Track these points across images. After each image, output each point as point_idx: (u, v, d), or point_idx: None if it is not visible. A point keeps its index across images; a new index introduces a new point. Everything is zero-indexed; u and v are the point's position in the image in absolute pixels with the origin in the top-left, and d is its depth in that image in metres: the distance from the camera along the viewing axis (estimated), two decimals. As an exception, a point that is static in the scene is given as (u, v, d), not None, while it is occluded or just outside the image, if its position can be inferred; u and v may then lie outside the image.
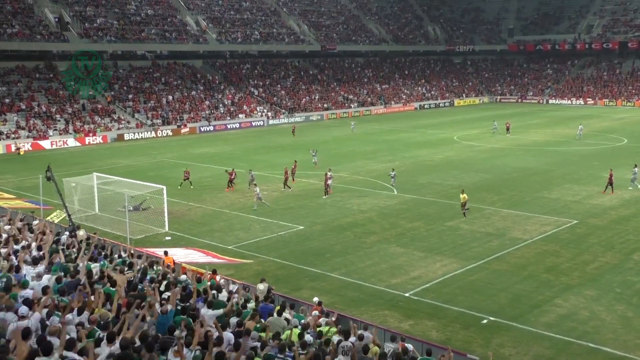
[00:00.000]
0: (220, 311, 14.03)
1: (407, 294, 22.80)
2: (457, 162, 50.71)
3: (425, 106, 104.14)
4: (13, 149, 60.33)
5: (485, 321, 20.36)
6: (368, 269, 25.53)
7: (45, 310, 12.06)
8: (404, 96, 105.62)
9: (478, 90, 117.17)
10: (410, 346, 14.71)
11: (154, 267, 18.77)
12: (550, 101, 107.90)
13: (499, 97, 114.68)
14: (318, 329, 15.23)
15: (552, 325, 19.89)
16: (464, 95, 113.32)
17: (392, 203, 37.03)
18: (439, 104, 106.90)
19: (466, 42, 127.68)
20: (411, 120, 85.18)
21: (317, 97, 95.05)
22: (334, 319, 16.75)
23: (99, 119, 70.88)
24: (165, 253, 22.51)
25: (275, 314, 15.30)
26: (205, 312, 13.61)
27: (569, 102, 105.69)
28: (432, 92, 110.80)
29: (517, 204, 36.09)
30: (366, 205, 36.61)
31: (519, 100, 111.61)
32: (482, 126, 73.43)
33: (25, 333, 10.21)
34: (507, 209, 34.91)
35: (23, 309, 11.65)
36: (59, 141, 64.32)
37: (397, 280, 24.22)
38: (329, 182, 38.69)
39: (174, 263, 21.14)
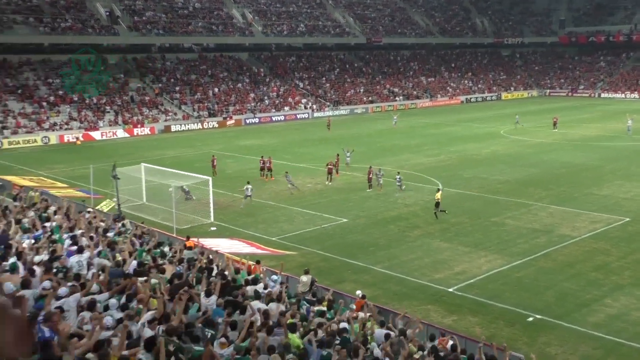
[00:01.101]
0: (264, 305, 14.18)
1: (450, 289, 22.61)
2: (504, 156, 49.90)
3: (472, 99, 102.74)
4: (71, 139, 62.11)
5: (530, 319, 20.03)
6: (411, 263, 25.40)
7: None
8: (450, 89, 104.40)
9: (526, 84, 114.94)
10: (451, 342, 14.56)
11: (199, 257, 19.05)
12: (602, 95, 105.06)
13: (548, 91, 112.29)
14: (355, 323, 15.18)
15: (600, 325, 19.43)
16: (512, 88, 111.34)
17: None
18: (486, 97, 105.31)
19: (515, 35, 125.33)
20: (457, 113, 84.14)
21: (362, 90, 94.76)
22: (370, 314, 16.71)
23: (147, 110, 72.21)
24: (187, 238, 22.79)
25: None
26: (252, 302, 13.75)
27: (623, 95, 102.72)
28: (479, 86, 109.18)
29: (566, 200, 35.31)
30: (410, 199, 36.36)
31: (570, 94, 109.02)
32: (530, 120, 71.98)
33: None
34: (555, 205, 34.20)
35: (62, 290, 12.08)
36: (109, 132, 65.79)
37: (441, 275, 24.04)
38: (371, 175, 38.50)
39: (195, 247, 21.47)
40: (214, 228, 30.48)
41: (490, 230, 29.98)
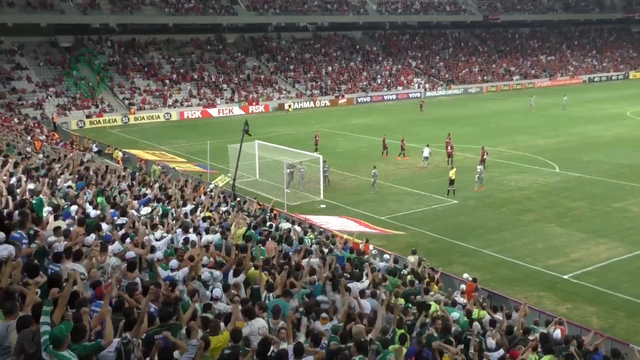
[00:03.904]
0: (366, 284, 14.16)
1: (565, 277, 21.62)
2: (629, 139, 46.77)
3: (595, 79, 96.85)
4: (190, 115, 64.98)
5: (654, 312, 18.79)
6: (523, 248, 24.50)
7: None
8: (572, 68, 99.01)
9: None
10: (557, 333, 13.88)
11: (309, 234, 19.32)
12: None
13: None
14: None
15: None
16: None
17: (553, 181, 35.11)
18: (611, 76, 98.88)
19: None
20: (578, 93, 79.42)
21: (476, 69, 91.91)
22: (480, 299, 16.26)
23: (262, 88, 73.86)
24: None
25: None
26: (352, 285, 13.71)
27: None
28: (604, 64, 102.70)
29: (698, 188, 32.65)
30: (524, 181, 35.03)
31: None
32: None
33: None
34: (685, 193, 31.72)
35: (173, 263, 12.67)
36: (225, 109, 67.92)
37: (555, 261, 23.01)
38: (485, 157, 37.30)
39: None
40: (324, 206, 30.79)
41: (612, 216, 28.33)
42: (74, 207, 15.63)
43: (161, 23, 77.42)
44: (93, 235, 13.04)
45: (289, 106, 70.47)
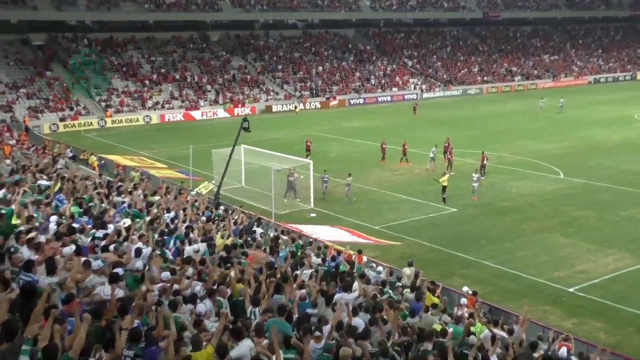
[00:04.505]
0: (356, 294, 14.10)
1: (571, 289, 21.66)
2: (638, 143, 47.04)
3: (601, 80, 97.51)
4: (172, 118, 64.77)
5: (665, 327, 18.83)
6: (527, 259, 24.53)
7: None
8: (576, 68, 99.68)
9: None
10: (562, 351, 13.84)
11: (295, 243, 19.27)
12: None
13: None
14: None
15: None
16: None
17: (558, 187, 35.24)
18: (618, 77, 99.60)
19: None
20: (583, 95, 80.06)
21: (476, 69, 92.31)
22: (481, 314, 16.22)
23: (248, 90, 73.77)
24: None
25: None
26: (340, 296, 13.64)
27: None
28: (610, 64, 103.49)
29: None
30: (527, 188, 35.13)
31: None
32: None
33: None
34: (697, 200, 31.90)
35: (163, 275, 12.63)
36: (209, 112, 67.79)
37: (560, 273, 23.05)
38: (484, 162, 37.46)
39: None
40: (314, 214, 30.71)
41: (620, 225, 28.43)
42: (53, 218, 15.59)
43: (141, 20, 77.37)
44: (73, 247, 12.94)
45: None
